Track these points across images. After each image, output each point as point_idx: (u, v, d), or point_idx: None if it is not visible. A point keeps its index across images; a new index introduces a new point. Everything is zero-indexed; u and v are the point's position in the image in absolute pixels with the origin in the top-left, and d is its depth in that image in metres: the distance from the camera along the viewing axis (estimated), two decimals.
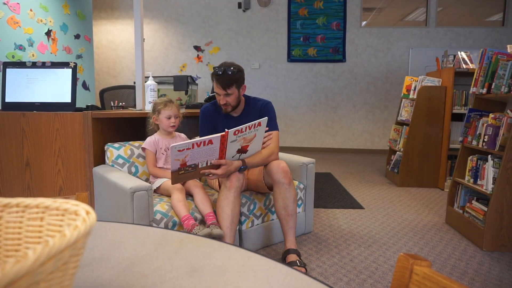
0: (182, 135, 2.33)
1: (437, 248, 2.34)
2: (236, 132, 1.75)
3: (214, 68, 2.03)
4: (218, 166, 1.83)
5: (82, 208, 0.46)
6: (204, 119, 2.19)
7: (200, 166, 1.78)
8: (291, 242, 2.01)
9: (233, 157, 1.87)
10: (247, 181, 2.23)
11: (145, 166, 2.28)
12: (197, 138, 1.66)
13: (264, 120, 1.85)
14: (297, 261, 1.92)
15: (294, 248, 1.99)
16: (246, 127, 1.77)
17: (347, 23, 6.40)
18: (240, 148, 1.86)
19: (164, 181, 2.08)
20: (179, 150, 1.63)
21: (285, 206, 1.99)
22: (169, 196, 2.03)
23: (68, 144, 2.28)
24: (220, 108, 2.14)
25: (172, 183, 1.80)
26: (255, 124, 1.80)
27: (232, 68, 1.99)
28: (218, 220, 1.93)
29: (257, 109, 2.17)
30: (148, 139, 2.17)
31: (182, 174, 1.75)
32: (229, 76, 1.98)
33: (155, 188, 2.12)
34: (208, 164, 1.80)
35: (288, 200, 1.98)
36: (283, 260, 2.00)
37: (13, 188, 2.35)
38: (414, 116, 3.88)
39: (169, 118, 2.12)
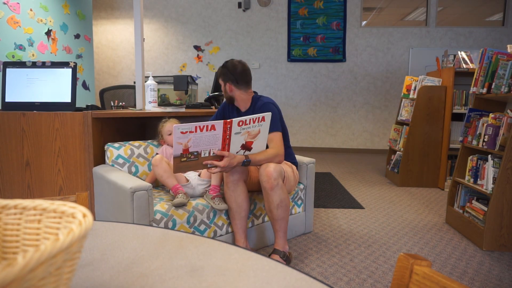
0: None
1: (437, 248, 2.34)
2: (240, 123, 1.76)
3: None
4: (221, 158, 1.83)
5: (79, 210, 0.46)
6: (218, 110, 2.35)
7: (202, 155, 1.78)
8: (278, 244, 2.01)
9: (237, 152, 1.88)
10: (250, 179, 2.22)
11: (145, 165, 2.29)
12: (200, 122, 1.67)
13: (267, 115, 1.85)
14: (278, 261, 1.91)
15: (280, 249, 1.99)
16: (250, 120, 1.79)
17: (347, 23, 6.40)
18: (244, 143, 1.86)
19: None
20: (182, 132, 1.63)
21: (269, 210, 1.98)
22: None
23: (68, 144, 2.28)
24: (235, 105, 2.25)
25: (174, 172, 1.79)
26: (259, 118, 1.81)
27: (226, 63, 2.17)
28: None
29: (258, 107, 2.18)
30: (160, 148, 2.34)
31: (184, 162, 1.74)
32: (220, 67, 2.19)
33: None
34: (211, 154, 1.80)
35: (271, 205, 1.94)
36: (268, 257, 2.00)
37: (13, 188, 2.35)
38: (414, 116, 3.88)
39: (170, 134, 2.25)
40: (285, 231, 2.01)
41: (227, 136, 1.77)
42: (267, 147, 2.04)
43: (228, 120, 1.73)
